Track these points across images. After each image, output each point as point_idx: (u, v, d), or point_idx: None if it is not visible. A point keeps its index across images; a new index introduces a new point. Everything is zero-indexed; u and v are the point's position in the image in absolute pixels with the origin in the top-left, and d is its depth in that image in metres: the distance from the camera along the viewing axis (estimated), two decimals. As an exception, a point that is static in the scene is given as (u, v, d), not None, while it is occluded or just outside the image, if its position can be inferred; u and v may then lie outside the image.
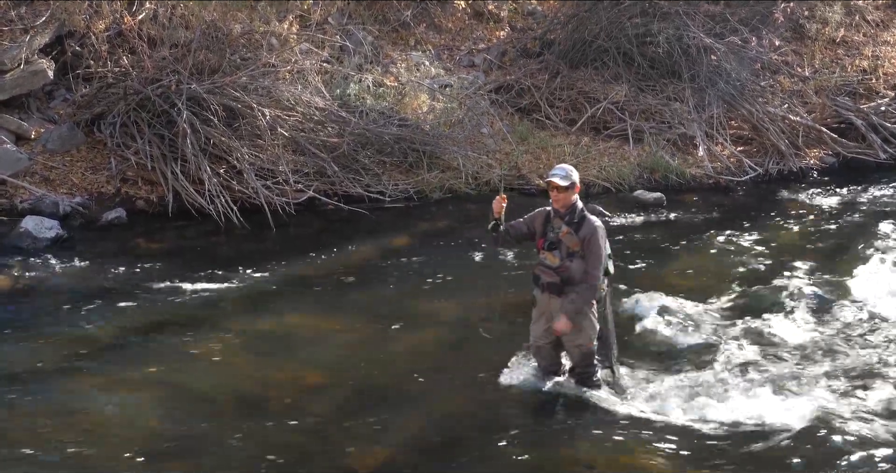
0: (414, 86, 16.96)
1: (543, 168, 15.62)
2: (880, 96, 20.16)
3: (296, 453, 7.57)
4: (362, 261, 12.49)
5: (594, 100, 18.28)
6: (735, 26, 19.50)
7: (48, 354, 9.19)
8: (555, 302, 8.25)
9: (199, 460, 7.45)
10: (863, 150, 18.80)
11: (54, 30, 14.92)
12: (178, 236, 13.21)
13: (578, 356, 8.37)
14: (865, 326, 10.37)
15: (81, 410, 8.10)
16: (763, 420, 8.12)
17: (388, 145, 15.54)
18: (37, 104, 14.88)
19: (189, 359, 9.19)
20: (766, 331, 10.09)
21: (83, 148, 14.49)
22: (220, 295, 11.01)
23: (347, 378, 8.94)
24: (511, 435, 7.95)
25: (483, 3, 20.75)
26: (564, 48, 19.22)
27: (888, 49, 21.68)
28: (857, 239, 13.77)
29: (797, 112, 18.95)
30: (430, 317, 10.49)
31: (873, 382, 8.92)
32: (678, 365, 9.29)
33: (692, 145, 17.83)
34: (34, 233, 12.37)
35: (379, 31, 18.85)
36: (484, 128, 17.08)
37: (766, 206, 15.84)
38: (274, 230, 13.40)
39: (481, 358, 9.42)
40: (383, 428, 7.98)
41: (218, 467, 7.39)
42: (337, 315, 10.48)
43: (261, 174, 14.14)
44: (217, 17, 15.39)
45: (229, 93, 14.27)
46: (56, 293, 10.91)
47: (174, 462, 7.41)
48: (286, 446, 7.63)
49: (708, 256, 12.96)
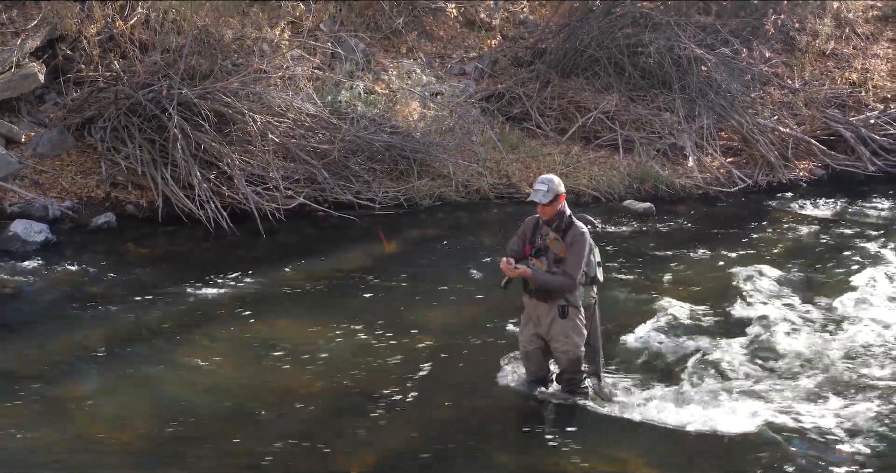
0: (405, 93, 17.00)
1: (533, 177, 15.62)
2: (869, 109, 20.25)
3: (284, 458, 7.55)
4: (352, 268, 12.48)
5: (585, 109, 18.34)
6: (726, 37, 19.61)
7: (36, 358, 9.17)
8: (542, 307, 8.28)
9: (188, 465, 7.42)
10: (852, 163, 18.87)
11: (46, 33, 14.92)
12: (167, 241, 13.20)
13: (566, 362, 8.38)
14: (852, 337, 10.38)
15: (69, 414, 8.07)
16: (750, 428, 8.12)
17: (379, 152, 15.55)
18: (27, 108, 14.87)
19: (178, 365, 9.17)
20: (752, 341, 10.12)
21: (73, 152, 14.49)
22: (210, 300, 11.00)
23: (336, 384, 8.93)
24: (499, 441, 7.95)
25: (475, 11, 20.79)
26: (556, 57, 19.27)
27: (878, 62, 21.80)
28: (845, 251, 13.82)
29: (787, 124, 19.02)
30: (420, 324, 10.49)
31: (860, 392, 8.94)
32: (665, 372, 9.30)
33: (682, 156, 17.88)
34: (23, 236, 12.36)
35: (371, 38, 18.90)
36: (474, 136, 17.10)
37: (755, 218, 15.88)
38: (264, 236, 13.39)
39: (470, 364, 9.45)
40: (372, 434, 7.98)
41: (207, 471, 7.37)
42: (326, 321, 10.46)
43: (251, 180, 14.14)
44: (209, 23, 15.41)
45: (220, 98, 14.29)
46: (44, 297, 10.91)
47: (163, 467, 7.39)
48: (275, 451, 7.61)
49: (696, 266, 12.98)
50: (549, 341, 8.36)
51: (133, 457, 7.45)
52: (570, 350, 8.30)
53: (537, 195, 8.20)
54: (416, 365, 9.40)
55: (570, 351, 8.30)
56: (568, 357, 8.34)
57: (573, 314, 8.25)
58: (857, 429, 8.16)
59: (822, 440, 7.94)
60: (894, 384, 9.14)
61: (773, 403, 8.61)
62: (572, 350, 8.30)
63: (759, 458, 7.72)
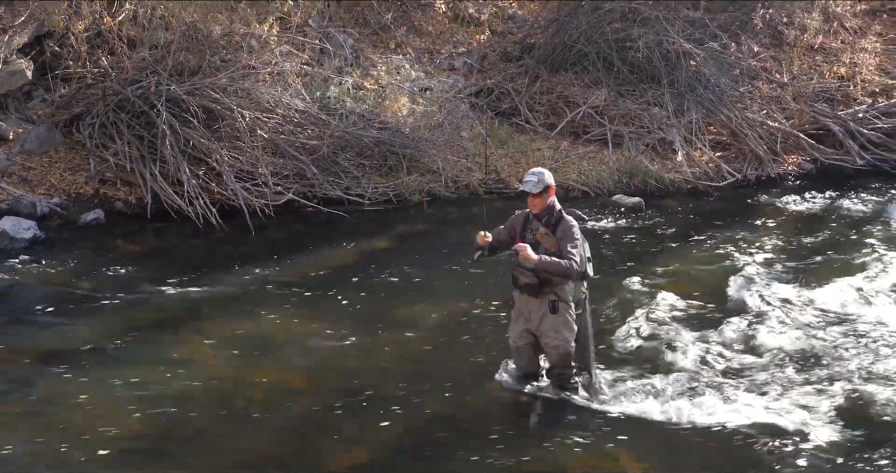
0: (394, 89, 16.98)
1: (522, 172, 15.57)
2: (858, 103, 20.33)
3: (274, 455, 7.55)
4: (341, 264, 12.48)
5: (574, 104, 18.36)
6: (714, 32, 19.65)
7: (24, 355, 9.15)
8: (533, 302, 8.28)
9: (177, 463, 7.41)
10: (840, 157, 18.94)
11: (33, 30, 14.88)
12: (156, 238, 13.19)
13: (556, 357, 8.38)
14: (843, 332, 10.41)
15: (59, 412, 8.05)
16: (740, 422, 8.13)
17: (368, 148, 15.54)
18: (15, 104, 14.83)
19: (168, 362, 9.14)
20: (742, 335, 10.14)
21: (61, 148, 14.46)
22: (199, 297, 10.98)
23: (326, 380, 8.93)
24: (489, 437, 7.94)
25: (464, 6, 20.78)
26: (544, 52, 19.29)
27: (866, 56, 21.84)
28: (834, 245, 13.87)
29: (775, 118, 19.07)
30: (410, 320, 10.48)
31: (850, 385, 8.95)
32: (655, 367, 9.30)
33: (671, 150, 17.91)
34: (11, 233, 12.33)
35: (359, 33, 18.88)
36: (463, 131, 17.10)
37: (743, 212, 15.90)
38: (253, 232, 13.37)
39: (460, 360, 9.44)
40: (362, 430, 7.97)
41: (197, 469, 7.36)
42: (316, 318, 10.46)
43: (240, 176, 14.12)
44: (197, 19, 15.37)
45: (209, 94, 14.26)
46: (33, 294, 10.87)
47: (153, 465, 7.37)
48: (264, 448, 7.61)
49: (685, 261, 13.00)
50: (540, 336, 8.36)
51: (121, 455, 7.42)
52: (561, 345, 8.30)
53: (528, 185, 8.20)
54: (406, 361, 9.40)
55: (560, 346, 8.30)
56: (558, 352, 8.34)
57: (563, 309, 8.25)
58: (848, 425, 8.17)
59: (812, 435, 7.94)
60: (886, 379, 9.16)
61: (763, 398, 8.63)
62: (563, 345, 8.30)
63: (749, 453, 7.72)
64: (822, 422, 8.16)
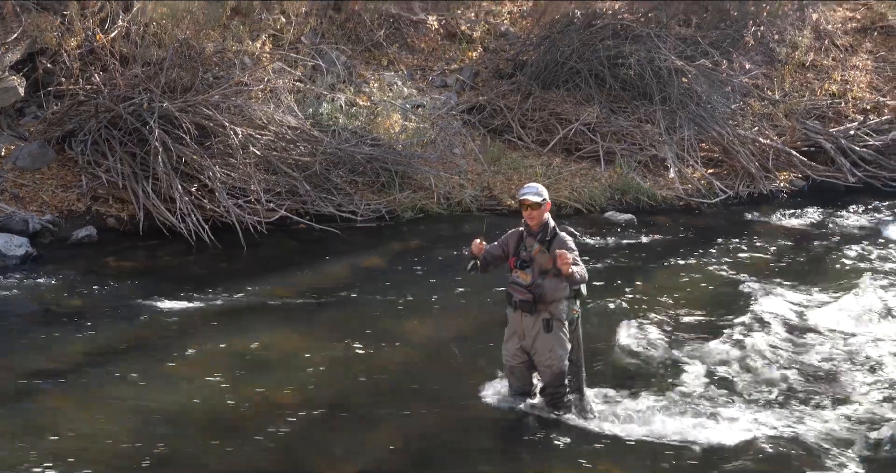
0: (386, 105, 16.99)
1: (515, 189, 15.66)
2: (849, 120, 20.40)
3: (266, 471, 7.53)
4: (334, 281, 12.46)
5: (566, 121, 18.38)
6: (706, 49, 19.71)
7: (15, 372, 9.11)
8: (527, 320, 8.27)
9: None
10: (832, 174, 18.99)
11: (26, 47, 14.88)
12: (148, 255, 13.14)
13: (550, 376, 8.37)
14: (832, 348, 10.44)
15: (51, 430, 8.02)
16: (732, 440, 8.14)
17: (361, 165, 15.53)
18: (7, 121, 14.82)
19: (160, 379, 9.12)
20: (733, 352, 10.14)
21: (54, 165, 14.43)
22: (192, 314, 10.95)
23: (319, 397, 8.91)
24: (481, 455, 7.94)
25: (456, 24, 20.83)
26: (537, 69, 19.33)
27: (857, 73, 21.94)
28: (825, 261, 13.91)
29: (767, 135, 19.13)
30: (402, 337, 10.48)
31: (843, 401, 8.98)
32: (647, 385, 9.30)
33: (663, 167, 17.94)
34: (3, 250, 12.29)
35: (352, 50, 18.92)
36: (456, 148, 17.13)
37: (735, 229, 15.92)
38: (245, 249, 13.35)
39: (453, 377, 9.44)
40: (355, 447, 7.96)
41: (187, 487, 7.36)
42: (309, 334, 10.45)
43: (232, 193, 14.10)
44: (190, 36, 15.41)
45: (201, 111, 14.26)
46: (25, 311, 10.83)
47: (142, 481, 7.37)
48: (256, 465, 7.60)
49: (677, 278, 13.01)
50: (533, 355, 8.35)
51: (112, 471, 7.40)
52: (555, 364, 8.29)
53: (529, 193, 8.19)
54: (398, 378, 9.40)
55: (554, 364, 8.30)
56: (552, 371, 8.33)
57: (557, 328, 8.24)
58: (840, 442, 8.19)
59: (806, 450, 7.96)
60: (877, 393, 9.18)
61: (756, 414, 8.65)
62: (556, 364, 8.29)
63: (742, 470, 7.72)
64: (814, 440, 8.18)
